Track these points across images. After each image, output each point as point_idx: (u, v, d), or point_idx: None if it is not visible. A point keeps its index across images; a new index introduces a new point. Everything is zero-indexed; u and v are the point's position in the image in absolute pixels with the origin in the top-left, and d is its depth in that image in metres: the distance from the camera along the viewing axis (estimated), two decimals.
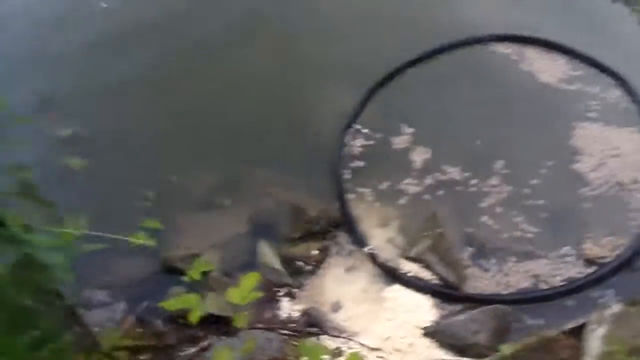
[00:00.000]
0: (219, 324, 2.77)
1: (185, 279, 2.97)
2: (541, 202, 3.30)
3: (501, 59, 4.01)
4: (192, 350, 2.74)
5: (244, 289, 2.45)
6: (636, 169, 3.37)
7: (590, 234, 3.16)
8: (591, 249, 3.11)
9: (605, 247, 3.11)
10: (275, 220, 3.34)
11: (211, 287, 2.96)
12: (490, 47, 4.08)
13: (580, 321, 2.60)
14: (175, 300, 2.23)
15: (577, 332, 2.56)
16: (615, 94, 3.72)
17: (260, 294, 2.46)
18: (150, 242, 2.18)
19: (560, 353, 2.51)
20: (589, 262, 3.07)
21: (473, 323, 2.84)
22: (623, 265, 3.02)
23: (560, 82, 3.81)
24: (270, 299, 3.01)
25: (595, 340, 2.47)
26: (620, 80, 3.75)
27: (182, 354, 2.73)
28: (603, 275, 2.98)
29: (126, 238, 2.11)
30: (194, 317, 2.18)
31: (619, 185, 3.32)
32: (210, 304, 2.70)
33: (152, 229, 2.25)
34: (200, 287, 2.70)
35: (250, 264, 3.15)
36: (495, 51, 4.06)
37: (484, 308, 2.89)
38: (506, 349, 2.55)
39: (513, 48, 4.06)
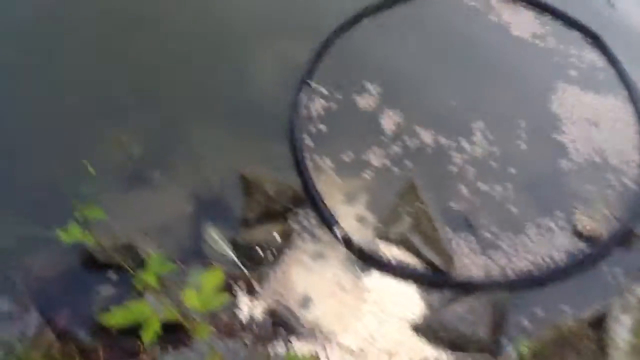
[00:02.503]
0: (165, 332, 2.14)
1: (111, 276, 2.37)
2: (524, 171, 2.92)
3: (467, 9, 3.57)
4: None
5: (206, 291, 1.87)
6: (618, 138, 3.07)
7: (579, 206, 2.83)
8: (584, 222, 2.78)
9: (598, 221, 2.80)
10: (223, 198, 2.72)
11: (149, 285, 2.31)
12: None
13: (598, 308, 2.24)
14: (122, 313, 1.64)
15: (598, 322, 2.21)
16: (591, 53, 3.40)
17: (226, 297, 1.90)
18: (89, 238, 1.59)
19: (582, 347, 2.15)
20: (583, 237, 2.75)
21: (469, 314, 2.42)
22: (623, 238, 2.72)
23: (534, 38, 3.43)
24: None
25: (621, 331, 2.12)
26: (595, 40, 3.43)
27: None
28: (605, 251, 2.66)
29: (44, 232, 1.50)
30: (148, 335, 1.60)
31: (601, 157, 3.00)
32: (165, 313, 2.07)
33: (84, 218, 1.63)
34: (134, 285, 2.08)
35: (196, 253, 2.53)
36: (461, 1, 3.61)
37: (479, 296, 2.48)
38: (522, 346, 2.14)
39: None
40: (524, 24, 3.52)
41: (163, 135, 2.92)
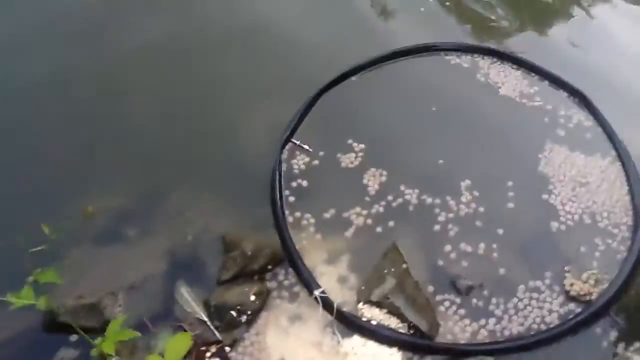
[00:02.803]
0: None
1: (73, 338, 2.25)
2: (512, 231, 2.83)
3: (454, 69, 3.58)
4: None
5: (172, 358, 1.77)
6: (607, 199, 3.00)
7: (569, 268, 2.72)
8: (573, 284, 2.67)
9: (587, 282, 2.68)
10: (199, 257, 2.62)
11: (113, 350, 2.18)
12: (441, 56, 3.66)
13: None
14: None
15: None
16: (578, 113, 3.39)
17: None
18: (42, 302, 1.51)
19: None
20: (574, 299, 2.63)
21: None
22: (612, 301, 2.60)
23: (522, 98, 3.42)
24: None
25: None
26: (582, 99, 3.43)
27: None
28: (594, 314, 2.54)
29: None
30: None
31: (591, 217, 2.92)
32: None
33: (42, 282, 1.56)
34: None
35: (165, 315, 2.40)
36: (448, 60, 3.63)
37: None
38: None
39: (464, 58, 3.66)
40: (512, 83, 3.52)
41: (142, 195, 2.84)
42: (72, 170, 2.92)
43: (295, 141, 3.10)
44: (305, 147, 3.08)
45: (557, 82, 3.52)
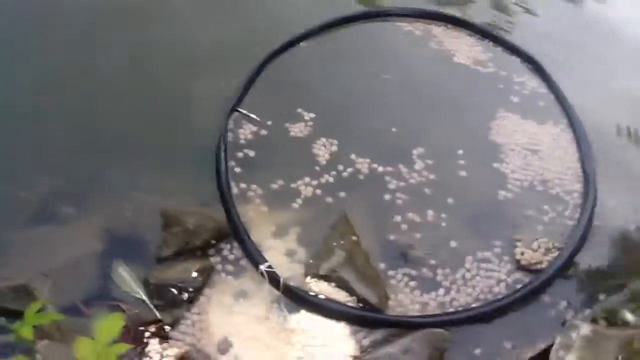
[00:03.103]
0: None
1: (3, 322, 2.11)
2: (462, 200, 2.78)
3: (407, 36, 3.48)
4: None
5: (102, 339, 1.65)
6: (559, 167, 2.97)
7: (518, 236, 2.69)
8: (524, 254, 2.64)
9: (538, 251, 2.66)
10: (139, 234, 2.48)
11: (45, 333, 2.06)
12: (391, 23, 3.55)
13: (541, 345, 2.08)
14: None
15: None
16: (532, 80, 3.34)
17: (127, 346, 1.68)
18: None
19: None
20: (523, 268, 2.61)
21: (405, 355, 2.22)
22: (562, 270, 2.59)
23: (476, 65, 3.35)
24: (133, 343, 2.15)
25: None
26: (535, 65, 3.38)
27: None
28: (545, 283, 2.52)
29: None
30: None
31: (542, 185, 2.89)
32: None
33: None
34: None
35: (102, 295, 2.28)
36: (399, 27, 3.53)
37: (415, 334, 2.28)
38: None
39: (416, 25, 3.55)
40: (466, 50, 3.44)
41: (77, 172, 2.68)
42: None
43: (241, 110, 2.97)
44: (252, 116, 2.96)
45: (511, 49, 3.46)
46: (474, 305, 2.44)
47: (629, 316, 2.39)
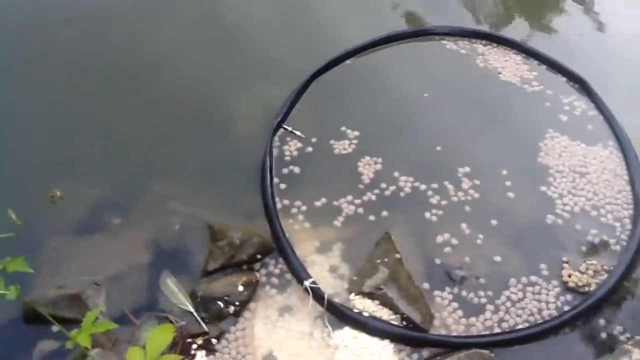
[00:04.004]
0: None
1: (55, 328, 2.16)
2: (508, 221, 2.75)
3: (452, 53, 3.48)
4: None
5: (153, 350, 1.69)
6: (608, 190, 2.90)
7: (565, 258, 2.64)
8: (572, 276, 2.59)
9: (586, 273, 2.61)
10: (185, 247, 2.54)
11: (97, 342, 2.11)
12: (439, 41, 3.56)
13: None
14: None
15: None
16: (579, 100, 3.29)
17: (176, 357, 1.71)
18: (12, 292, 1.44)
19: None
20: (572, 291, 2.56)
21: None
22: (611, 293, 2.53)
23: (523, 83, 3.33)
24: (181, 354, 2.19)
25: None
26: (583, 85, 3.33)
27: None
28: (595, 306, 2.46)
29: None
30: None
31: (591, 208, 2.83)
32: None
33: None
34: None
35: (150, 306, 2.33)
36: (444, 45, 3.53)
37: (460, 354, 2.26)
38: None
39: (461, 43, 3.55)
40: (512, 69, 3.42)
41: (126, 183, 2.76)
42: (45, 157, 2.84)
43: (286, 127, 3.01)
44: (297, 133, 2.99)
45: (558, 68, 3.42)
46: (519, 327, 2.41)
47: None
